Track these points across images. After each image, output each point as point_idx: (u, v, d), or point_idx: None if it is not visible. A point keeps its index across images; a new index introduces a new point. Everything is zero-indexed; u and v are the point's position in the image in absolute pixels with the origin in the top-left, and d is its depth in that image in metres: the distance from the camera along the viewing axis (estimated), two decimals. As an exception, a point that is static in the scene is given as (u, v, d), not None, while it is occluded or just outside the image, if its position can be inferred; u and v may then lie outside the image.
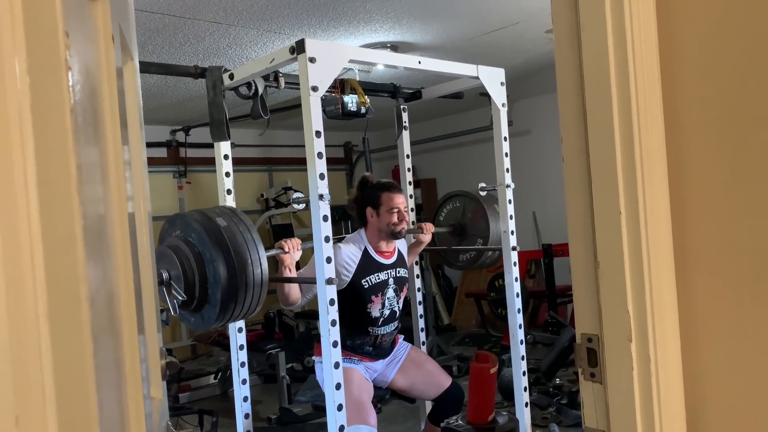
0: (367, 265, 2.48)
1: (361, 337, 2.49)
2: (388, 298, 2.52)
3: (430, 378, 2.61)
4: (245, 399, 2.50)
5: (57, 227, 0.40)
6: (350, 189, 2.70)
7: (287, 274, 2.24)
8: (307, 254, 2.31)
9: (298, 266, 2.34)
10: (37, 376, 0.34)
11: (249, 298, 1.96)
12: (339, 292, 2.38)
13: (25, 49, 0.35)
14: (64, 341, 0.39)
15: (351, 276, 2.43)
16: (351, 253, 2.46)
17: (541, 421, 3.50)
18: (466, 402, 2.72)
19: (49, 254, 0.36)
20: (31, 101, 0.36)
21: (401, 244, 2.69)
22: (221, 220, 1.94)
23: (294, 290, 2.29)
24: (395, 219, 2.48)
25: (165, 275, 1.92)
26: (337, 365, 1.96)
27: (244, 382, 2.49)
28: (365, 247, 2.50)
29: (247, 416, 2.50)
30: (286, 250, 2.21)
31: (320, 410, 3.89)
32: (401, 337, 2.71)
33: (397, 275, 2.57)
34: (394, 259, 2.58)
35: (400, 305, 2.61)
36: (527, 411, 2.61)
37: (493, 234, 2.95)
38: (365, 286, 2.45)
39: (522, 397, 2.59)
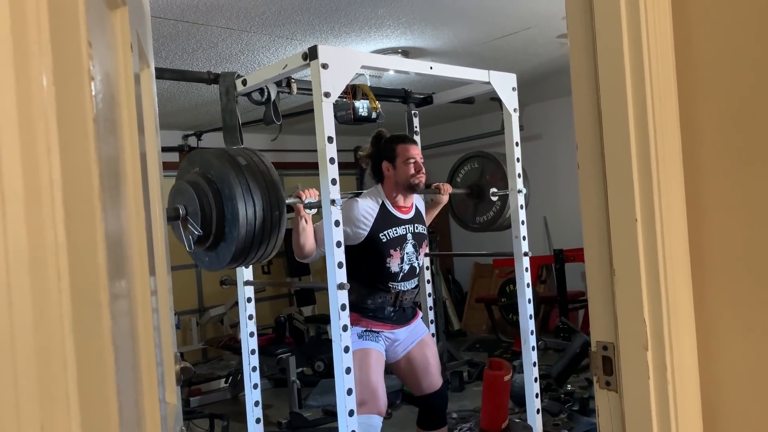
0: (385, 218, 2.45)
1: (381, 294, 2.45)
2: (407, 253, 2.49)
3: (428, 374, 2.57)
4: (256, 404, 2.50)
5: (80, 235, 0.40)
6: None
7: (303, 224, 2.20)
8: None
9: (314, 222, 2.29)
10: (62, 384, 0.35)
11: (266, 239, 1.93)
12: (358, 247, 2.36)
13: (51, 60, 0.36)
14: (87, 349, 0.39)
15: (368, 229, 2.40)
16: (368, 206, 2.43)
17: (552, 428, 3.47)
18: (478, 408, 2.71)
19: (73, 263, 0.37)
20: (57, 111, 0.36)
21: (419, 203, 2.66)
22: (241, 159, 1.92)
23: (309, 241, 2.24)
24: (412, 170, 2.45)
25: (182, 211, 1.90)
26: (348, 370, 1.96)
27: (255, 386, 2.50)
28: (382, 201, 2.47)
29: (258, 421, 2.51)
30: (303, 199, 2.18)
31: (330, 415, 3.89)
32: (420, 313, 2.69)
33: (416, 231, 2.54)
34: (411, 214, 2.55)
35: (420, 261, 2.58)
36: (539, 417, 2.59)
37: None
38: (383, 240, 2.42)
39: (534, 403, 2.58)
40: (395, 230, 2.47)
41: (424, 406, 2.61)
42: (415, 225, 2.55)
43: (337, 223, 1.96)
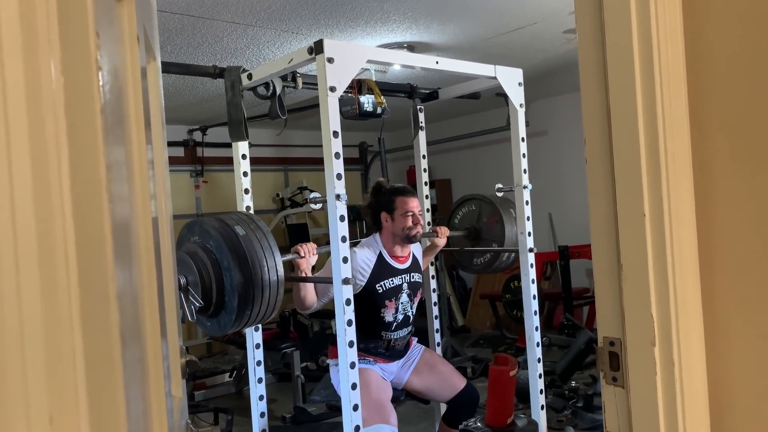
0: (382, 269, 2.48)
1: (374, 341, 2.50)
2: (401, 303, 2.52)
3: (444, 380, 2.60)
4: (261, 398, 2.51)
5: (88, 228, 0.40)
6: (364, 195, 2.69)
7: None
8: (323, 258, 2.32)
9: (313, 270, 2.34)
10: (70, 377, 0.34)
11: (265, 304, 1.98)
12: (353, 296, 2.38)
13: (59, 50, 0.36)
14: (95, 342, 0.39)
15: (366, 281, 2.43)
16: (366, 257, 2.46)
17: (556, 424, 3.47)
18: (483, 404, 2.71)
19: (81, 255, 0.37)
20: (65, 101, 0.36)
21: (416, 248, 2.68)
22: (239, 228, 1.95)
23: (310, 293, 2.29)
24: (410, 223, 2.48)
25: (183, 281, 1.94)
26: (353, 365, 1.96)
27: (260, 380, 2.51)
28: (380, 252, 2.50)
29: (262, 415, 2.51)
30: (302, 254, 2.21)
31: (334, 410, 3.89)
32: (415, 339, 2.71)
33: (411, 280, 2.57)
34: (408, 263, 2.58)
35: (414, 310, 2.61)
36: (543, 414, 2.59)
37: (509, 238, 2.92)
38: (379, 291, 2.46)
39: (538, 399, 2.58)
40: (392, 281, 2.49)
41: (452, 406, 2.64)
42: (411, 274, 2.58)
43: (342, 218, 1.96)
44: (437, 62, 2.35)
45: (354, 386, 1.97)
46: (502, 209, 2.96)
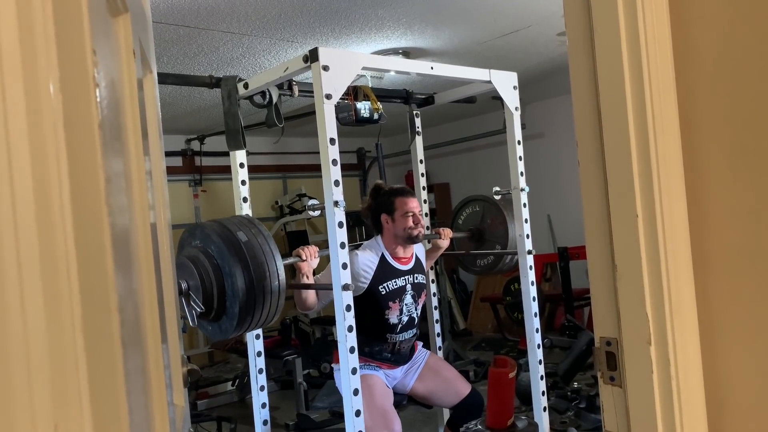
0: (385, 271, 2.48)
1: (379, 344, 2.49)
2: (405, 305, 2.51)
3: (449, 386, 2.60)
4: (263, 405, 2.51)
5: (89, 240, 0.41)
6: (363, 198, 2.70)
7: (305, 281, 2.25)
8: (324, 260, 2.33)
9: (314, 273, 2.35)
10: (74, 385, 0.35)
11: (266, 309, 1.99)
12: (356, 299, 2.37)
13: (57, 68, 0.37)
14: (98, 351, 0.40)
15: (368, 283, 2.44)
16: (368, 259, 2.46)
17: (559, 426, 3.47)
18: (485, 407, 2.71)
19: (82, 267, 0.38)
20: (64, 119, 0.37)
21: (419, 250, 2.68)
22: (242, 234, 1.96)
23: (311, 295, 2.31)
24: (410, 223, 2.48)
25: (184, 285, 1.95)
26: (354, 371, 1.97)
27: (262, 388, 2.51)
28: (382, 254, 2.50)
29: (265, 423, 2.52)
30: (304, 258, 2.22)
31: (338, 416, 3.89)
32: (420, 343, 2.71)
33: (415, 281, 2.57)
34: (411, 265, 2.58)
35: (419, 311, 2.60)
36: (545, 415, 2.59)
37: (512, 240, 2.93)
38: (382, 293, 2.46)
39: (540, 401, 2.58)
40: (395, 282, 2.49)
41: (456, 412, 2.64)
42: (415, 275, 2.57)
43: (340, 225, 1.97)
44: (432, 68, 2.36)
45: (356, 392, 1.97)
46: (505, 210, 2.96)
